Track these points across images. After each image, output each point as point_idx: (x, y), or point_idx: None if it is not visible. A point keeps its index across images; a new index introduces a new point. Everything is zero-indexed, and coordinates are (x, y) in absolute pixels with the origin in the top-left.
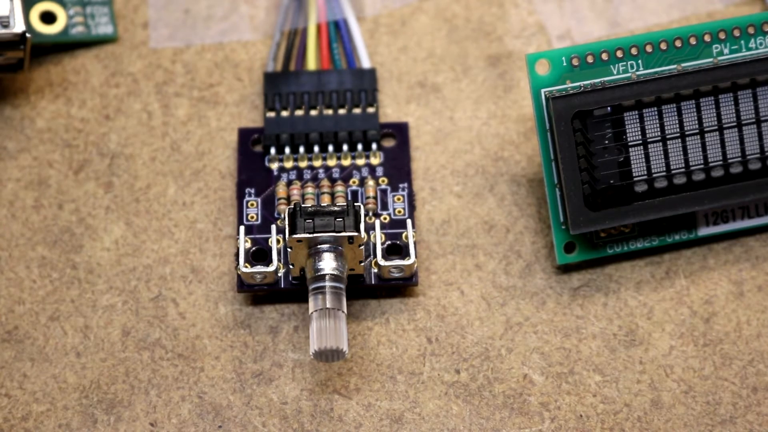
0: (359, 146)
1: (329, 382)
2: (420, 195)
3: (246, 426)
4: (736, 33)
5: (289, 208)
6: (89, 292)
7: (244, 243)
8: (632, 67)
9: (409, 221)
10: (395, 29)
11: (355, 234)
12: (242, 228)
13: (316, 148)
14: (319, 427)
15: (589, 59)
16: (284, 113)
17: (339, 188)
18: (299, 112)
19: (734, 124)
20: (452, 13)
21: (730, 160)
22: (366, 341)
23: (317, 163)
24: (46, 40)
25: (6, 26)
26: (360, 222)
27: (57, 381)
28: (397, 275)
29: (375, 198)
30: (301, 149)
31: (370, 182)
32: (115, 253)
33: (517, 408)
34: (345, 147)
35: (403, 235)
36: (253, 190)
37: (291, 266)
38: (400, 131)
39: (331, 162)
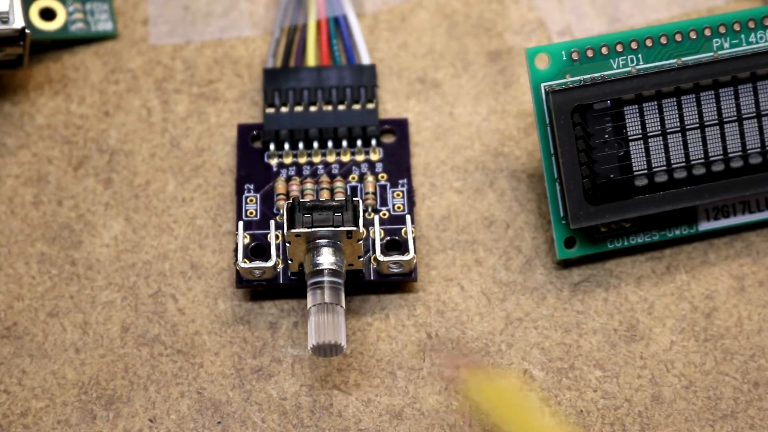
0: (359, 142)
1: (329, 378)
2: (420, 191)
3: (245, 422)
4: (737, 27)
5: (287, 203)
6: (88, 288)
7: (243, 239)
8: (632, 61)
9: (408, 217)
10: (395, 25)
11: (354, 229)
12: (241, 224)
13: (315, 144)
14: (319, 423)
15: (589, 53)
16: (284, 109)
17: (338, 184)
18: (299, 108)
19: (735, 118)
20: (452, 9)
21: (730, 155)
22: (365, 337)
23: (316, 159)
24: (46, 36)
25: (5, 22)
26: (359, 217)
27: (56, 377)
28: (396, 271)
29: (374, 194)
30: (301, 145)
31: (370, 178)
32: (115, 249)
33: None
34: (344, 143)
35: (403, 230)
36: (252, 186)
37: (290, 261)
38: (399, 127)
39: (331, 158)
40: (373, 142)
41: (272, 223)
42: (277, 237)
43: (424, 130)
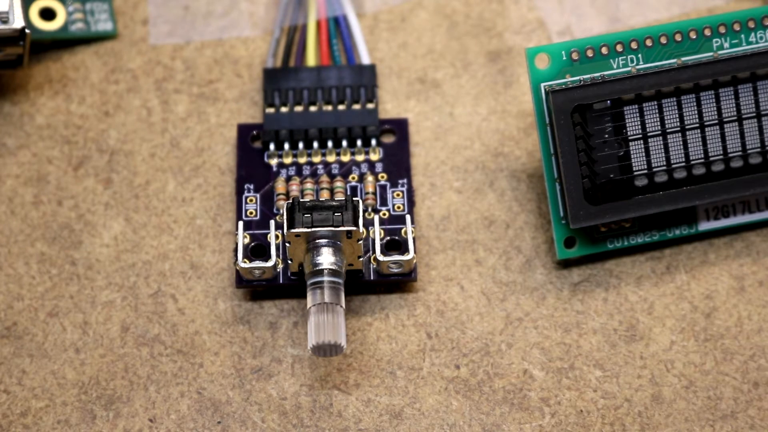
0: (359, 142)
1: (329, 378)
2: (420, 191)
3: (245, 421)
4: (737, 27)
5: (287, 203)
6: (88, 288)
7: (243, 238)
8: (632, 61)
9: (408, 217)
10: (395, 25)
11: (354, 228)
12: (241, 224)
13: (315, 144)
14: (319, 423)
15: (589, 53)
16: (283, 109)
17: (338, 184)
18: (299, 108)
19: (734, 118)
20: (452, 9)
21: (730, 155)
22: (365, 337)
23: (316, 159)
24: (46, 36)
25: (5, 22)
26: (358, 217)
27: (56, 377)
28: (396, 271)
29: (374, 194)
30: (301, 145)
31: (370, 178)
32: (115, 249)
33: (518, 403)
34: (344, 143)
35: (403, 230)
36: (252, 186)
37: (290, 261)
38: (399, 127)
39: (331, 158)
40: (373, 142)
41: (272, 223)
42: (277, 237)
43: (424, 130)
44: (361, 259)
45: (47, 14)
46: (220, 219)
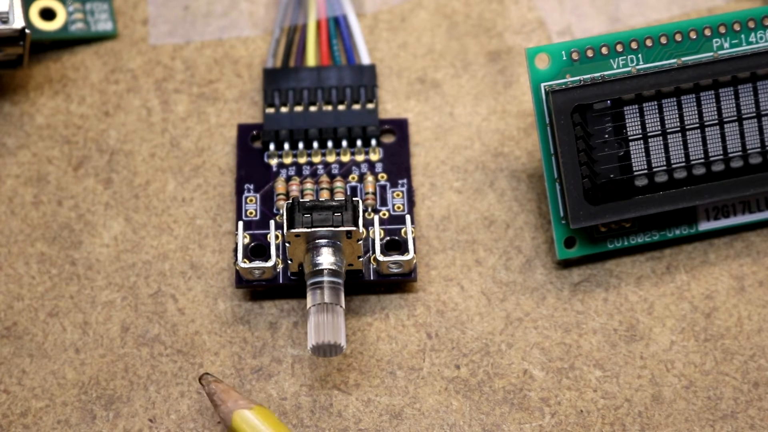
0: (358, 142)
1: (329, 378)
2: (420, 191)
3: None
4: (737, 27)
5: (287, 203)
6: (88, 288)
7: (243, 239)
8: (632, 61)
9: (408, 217)
10: (395, 25)
11: (354, 229)
12: (241, 224)
13: (315, 144)
14: (319, 423)
15: (589, 53)
16: (283, 109)
17: (338, 184)
18: (298, 108)
19: (735, 118)
20: (452, 9)
21: (730, 155)
22: (365, 337)
23: (316, 159)
24: (46, 36)
25: (5, 22)
26: (358, 217)
27: (56, 377)
28: (396, 271)
29: (374, 194)
30: (301, 145)
31: (370, 178)
32: (115, 249)
33: (518, 403)
34: (344, 143)
35: (403, 230)
36: (252, 186)
37: (290, 261)
38: (399, 127)
39: (331, 158)
40: (373, 142)
41: (272, 223)
42: (276, 237)
43: (424, 130)
44: (361, 259)
45: (47, 14)
46: (220, 219)
